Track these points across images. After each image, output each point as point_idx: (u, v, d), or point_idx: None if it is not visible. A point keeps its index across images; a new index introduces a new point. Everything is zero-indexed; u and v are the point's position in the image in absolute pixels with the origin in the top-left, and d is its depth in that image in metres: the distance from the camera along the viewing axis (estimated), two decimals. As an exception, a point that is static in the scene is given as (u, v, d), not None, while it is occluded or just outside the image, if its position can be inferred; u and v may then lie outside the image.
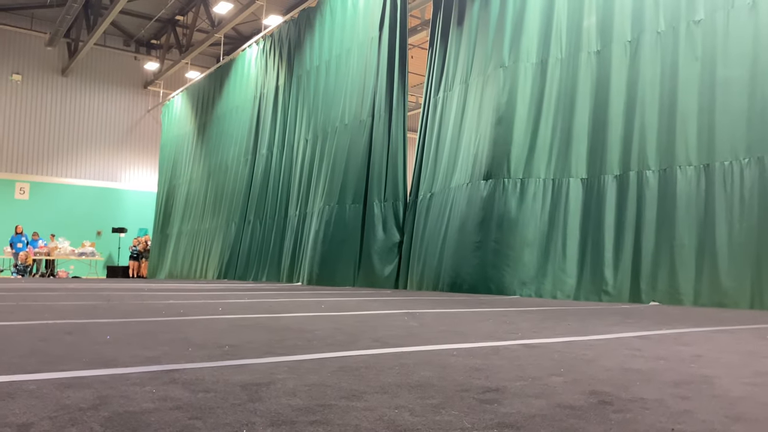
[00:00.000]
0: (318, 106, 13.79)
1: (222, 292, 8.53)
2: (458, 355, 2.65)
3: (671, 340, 3.43)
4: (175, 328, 3.64)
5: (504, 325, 4.23)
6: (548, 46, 8.96)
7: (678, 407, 1.69)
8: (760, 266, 6.59)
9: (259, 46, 16.71)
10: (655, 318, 5.12)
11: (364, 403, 1.66)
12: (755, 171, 6.75)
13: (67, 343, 2.88)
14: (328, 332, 3.53)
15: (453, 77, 10.59)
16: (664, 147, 7.61)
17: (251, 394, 1.76)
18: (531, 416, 1.55)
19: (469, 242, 9.17)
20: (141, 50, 24.51)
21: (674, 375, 2.23)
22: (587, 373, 2.25)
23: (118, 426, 1.39)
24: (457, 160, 10.06)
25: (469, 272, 9.16)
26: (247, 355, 2.55)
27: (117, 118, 24.34)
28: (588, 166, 8.39)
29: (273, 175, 15.25)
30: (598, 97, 8.36)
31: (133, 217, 23.93)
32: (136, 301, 6.34)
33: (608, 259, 7.95)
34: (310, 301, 6.80)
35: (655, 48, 7.83)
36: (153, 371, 2.14)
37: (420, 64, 21.97)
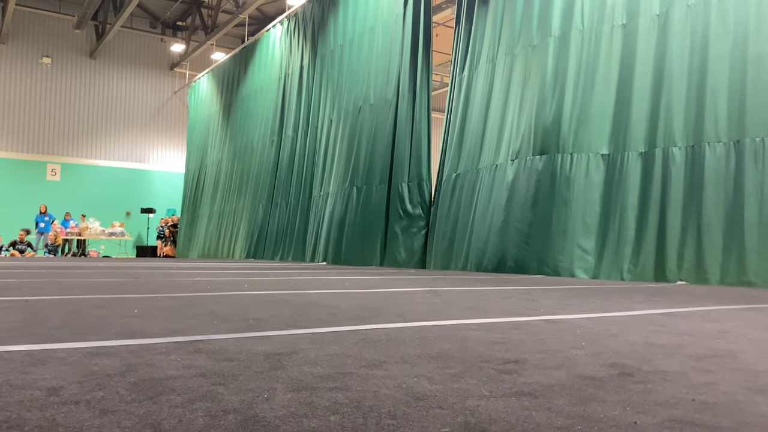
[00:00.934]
0: (342, 85, 13.75)
1: (248, 271, 8.64)
2: (479, 330, 2.66)
3: (697, 316, 3.39)
4: (202, 303, 3.71)
5: (527, 302, 4.22)
6: (571, 19, 8.79)
7: (700, 379, 1.67)
8: None
9: (283, 26, 16.68)
10: (682, 296, 5.06)
11: (384, 372, 1.68)
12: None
13: (96, 316, 2.95)
14: (351, 308, 3.56)
15: (479, 56, 10.47)
16: (692, 123, 7.45)
17: (273, 362, 1.79)
18: (550, 386, 1.56)
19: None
20: (167, 32, 24.66)
21: (698, 349, 2.20)
22: (609, 346, 2.24)
23: (143, 390, 1.43)
24: (484, 140, 9.97)
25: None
26: (271, 328, 2.58)
27: (144, 100, 24.59)
28: (611, 142, 8.25)
29: (298, 156, 15.30)
30: (623, 72, 8.19)
31: (161, 198, 24.27)
32: (164, 278, 6.46)
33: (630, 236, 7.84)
34: (334, 279, 6.85)
35: (685, 21, 7.63)
36: (178, 342, 2.18)
37: (445, 42, 21.74)
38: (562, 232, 8.45)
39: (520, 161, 9.10)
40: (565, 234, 8.39)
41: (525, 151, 9.07)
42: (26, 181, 22.13)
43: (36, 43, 22.63)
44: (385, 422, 1.20)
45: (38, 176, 22.56)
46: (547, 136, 8.81)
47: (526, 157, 9.03)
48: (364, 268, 10.93)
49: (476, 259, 9.63)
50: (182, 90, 24.62)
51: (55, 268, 8.61)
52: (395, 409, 1.29)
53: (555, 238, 8.51)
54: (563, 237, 8.44)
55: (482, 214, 9.65)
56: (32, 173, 22.42)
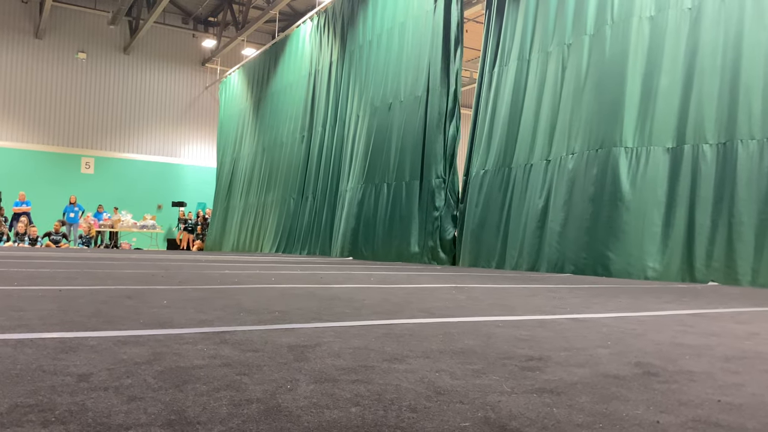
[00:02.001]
0: (370, 81, 13.76)
1: (275, 264, 8.72)
2: (503, 327, 2.65)
3: (727, 318, 3.33)
4: (229, 295, 3.76)
5: (553, 300, 4.19)
6: (604, 15, 8.67)
7: (727, 380, 1.65)
8: None
9: (313, 22, 16.75)
10: (712, 297, 4.97)
11: (406, 366, 1.69)
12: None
13: (126, 306, 3.02)
14: (376, 302, 3.58)
15: (509, 52, 10.38)
16: (724, 120, 7.28)
17: (297, 354, 1.81)
18: (572, 383, 1.55)
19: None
20: (199, 28, 24.95)
21: (726, 350, 2.17)
22: (635, 346, 2.21)
23: (170, 379, 1.46)
24: (518, 137, 9.88)
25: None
26: (296, 320, 2.61)
27: (176, 95, 24.94)
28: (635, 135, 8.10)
29: (326, 151, 15.37)
30: (648, 66, 8.04)
31: (192, 192, 24.61)
32: (193, 270, 6.56)
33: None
34: (360, 274, 6.88)
35: (718, 15, 7.46)
36: (205, 332, 2.22)
37: (473, 38, 21.61)
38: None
39: (554, 161, 9.06)
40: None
41: (559, 150, 9.01)
42: (61, 174, 22.63)
43: (72, 39, 23.10)
44: (405, 415, 1.21)
45: (73, 169, 23.05)
46: (582, 133, 8.71)
47: (560, 156, 8.97)
48: (391, 264, 10.95)
49: (512, 257, 9.57)
50: (213, 85, 24.90)
51: (88, 259, 8.80)
52: (416, 403, 1.30)
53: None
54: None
55: (517, 212, 9.60)
56: (67, 166, 22.91)
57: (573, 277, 8.14)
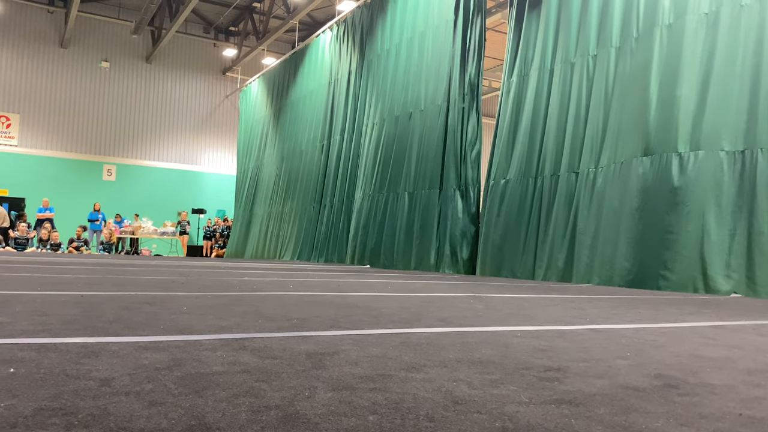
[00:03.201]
0: (387, 90, 13.81)
1: (294, 272, 8.76)
2: (522, 337, 2.64)
3: (749, 330, 3.28)
4: (248, 302, 3.79)
5: (572, 310, 4.16)
6: (629, 27, 8.65)
7: (749, 394, 1.63)
8: None
9: (333, 32, 16.87)
10: (734, 309, 4.90)
11: (424, 375, 1.69)
12: None
13: (147, 312, 3.05)
14: (394, 311, 3.58)
15: (531, 61, 10.38)
16: (743, 127, 7.20)
17: (315, 362, 1.83)
18: (591, 395, 1.54)
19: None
20: (220, 37, 25.25)
21: (749, 363, 2.14)
22: (655, 357, 2.19)
23: (190, 384, 1.48)
24: (543, 147, 9.87)
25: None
26: (314, 328, 2.63)
27: (197, 104, 25.23)
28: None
29: (343, 159, 15.45)
30: (666, 73, 7.99)
31: (212, 199, 24.84)
32: (213, 277, 6.61)
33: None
34: (378, 282, 6.89)
35: (737, 20, 7.39)
36: (224, 339, 2.24)
37: (492, 47, 21.61)
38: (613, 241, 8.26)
39: (582, 173, 9.04)
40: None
41: (587, 162, 9.00)
42: (84, 180, 22.97)
43: (96, 48, 23.50)
44: (422, 424, 1.22)
45: (95, 176, 23.39)
46: (611, 146, 8.69)
47: (588, 168, 8.96)
48: (409, 273, 10.94)
49: (539, 268, 9.53)
50: (234, 94, 25.15)
51: (109, 265, 8.91)
52: (433, 412, 1.30)
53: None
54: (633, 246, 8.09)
55: (543, 223, 9.58)
56: (89, 173, 23.26)
57: (593, 287, 8.07)
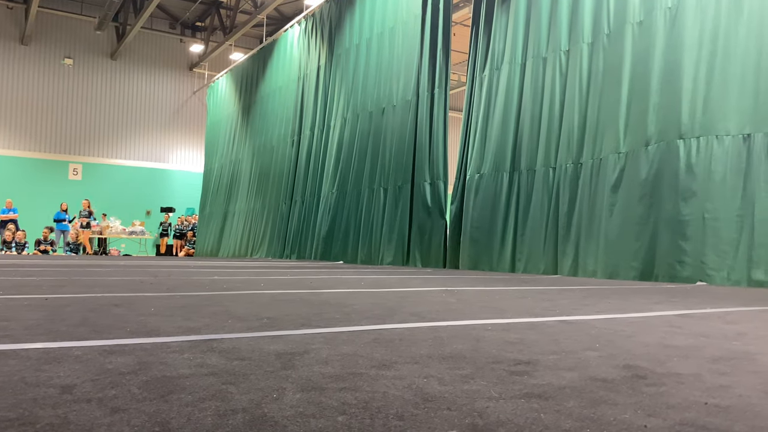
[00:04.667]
0: (359, 85, 13.77)
1: (266, 270, 8.69)
2: (493, 330, 2.64)
3: (716, 318, 3.35)
4: (217, 301, 3.73)
5: (543, 302, 4.20)
6: (600, 23, 8.79)
7: (715, 382, 1.65)
8: None
9: (301, 27, 16.74)
10: (701, 297, 4.99)
11: (395, 372, 1.68)
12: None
13: (113, 314, 2.99)
14: (367, 307, 3.57)
15: (501, 56, 10.43)
16: (699, 117, 7.37)
17: (285, 362, 1.80)
18: (561, 387, 1.55)
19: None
20: (186, 33, 24.88)
21: (714, 351, 2.18)
22: (624, 348, 2.22)
23: (155, 389, 1.44)
24: (517, 141, 9.97)
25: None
26: (285, 327, 2.60)
27: (164, 100, 24.84)
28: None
29: (314, 155, 15.37)
30: (638, 70, 8.14)
31: (180, 197, 24.50)
32: (182, 277, 6.52)
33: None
34: (351, 278, 6.87)
35: (695, 14, 7.54)
36: (192, 340, 2.20)
37: (459, 41, 21.66)
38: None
39: (559, 168, 9.16)
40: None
41: (564, 157, 9.12)
42: (49, 180, 22.48)
43: (58, 45, 22.96)
44: (392, 423, 1.20)
45: (60, 176, 22.90)
46: (587, 142, 8.81)
47: (566, 164, 9.08)
48: (382, 267, 10.94)
49: (518, 260, 9.61)
50: (201, 90, 24.83)
51: (76, 266, 8.73)
52: (403, 410, 1.29)
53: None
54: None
55: (520, 216, 9.68)
56: (55, 173, 22.76)
57: (563, 278, 8.17)
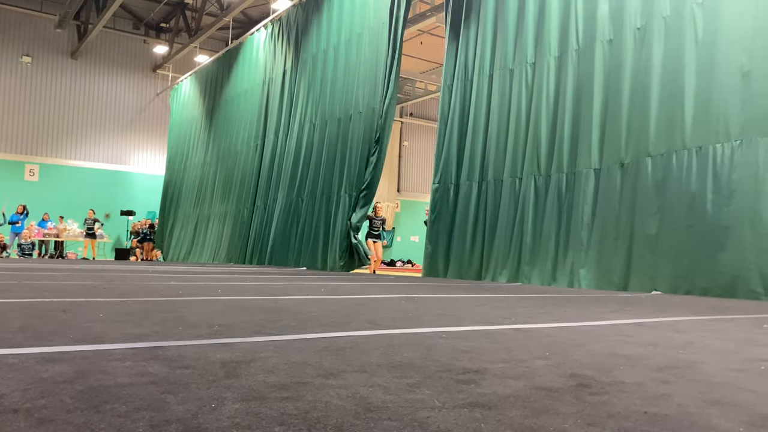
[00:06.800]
0: (326, 90, 13.73)
1: (226, 275, 8.57)
2: (447, 338, 2.64)
3: (666, 326, 3.41)
4: (171, 308, 3.66)
5: (501, 310, 4.22)
6: (567, 38, 9.00)
7: (656, 391, 1.67)
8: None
9: (268, 30, 16.63)
10: (655, 306, 5.09)
11: (341, 381, 1.66)
12: (749, 152, 6.67)
13: (59, 320, 2.90)
14: (324, 314, 3.54)
15: (472, 67, 10.56)
16: (663, 133, 7.55)
17: (229, 371, 1.76)
18: (505, 397, 1.55)
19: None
20: (150, 33, 24.46)
21: (660, 360, 2.21)
22: (572, 357, 2.23)
23: (88, 398, 1.39)
24: (486, 153, 10.10)
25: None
26: (236, 335, 2.55)
27: (126, 102, 24.35)
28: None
29: (278, 160, 15.25)
30: (610, 86, 8.31)
31: (142, 201, 24.01)
32: (138, 281, 6.38)
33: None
34: (312, 285, 6.81)
35: (662, 33, 7.73)
36: (137, 348, 2.14)
37: (429, 50, 21.81)
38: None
39: (525, 180, 9.31)
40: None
41: (530, 169, 9.26)
42: (3, 181, 21.79)
43: (16, 42, 22.34)
44: (330, 434, 1.18)
45: (16, 177, 22.22)
46: (556, 155, 8.98)
47: (532, 175, 9.24)
48: (345, 274, 10.90)
49: (487, 269, 9.69)
50: (165, 92, 24.43)
51: (28, 270, 8.47)
52: (343, 421, 1.27)
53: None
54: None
55: (489, 225, 9.79)
56: (10, 173, 22.08)
57: (524, 286, 8.26)
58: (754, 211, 6.51)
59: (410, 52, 22.33)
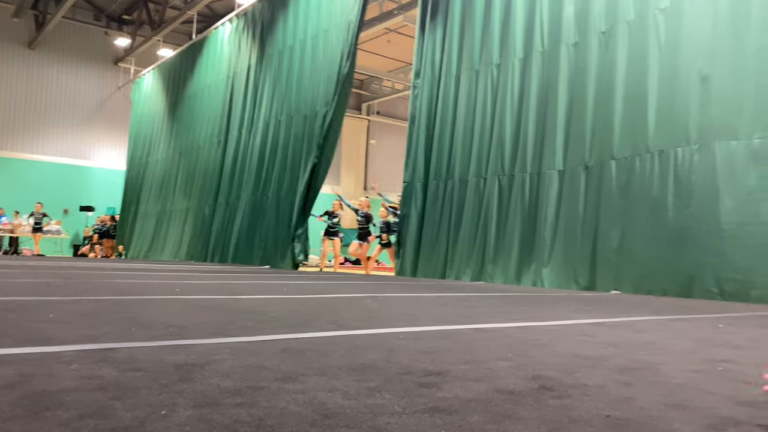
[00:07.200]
0: (292, 87, 13.59)
1: (187, 273, 8.40)
2: (409, 339, 2.61)
3: (626, 326, 3.44)
4: (127, 307, 3.55)
5: (463, 309, 4.21)
6: (532, 41, 9.04)
7: (618, 394, 1.66)
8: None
9: (233, 25, 16.39)
10: (615, 306, 5.15)
11: (299, 386, 1.60)
12: (707, 155, 6.82)
13: (6, 320, 2.77)
14: (286, 314, 3.47)
15: (440, 66, 10.58)
16: (628, 136, 7.66)
17: (183, 374, 1.69)
18: (467, 401, 1.51)
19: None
20: (112, 25, 23.90)
21: (621, 361, 2.21)
22: (535, 358, 2.22)
23: (29, 405, 1.32)
24: (451, 152, 10.15)
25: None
26: (193, 336, 2.47)
27: (86, 95, 23.74)
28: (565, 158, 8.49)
29: (241, 156, 15.04)
30: (575, 88, 8.39)
31: (102, 196, 23.44)
32: (96, 279, 6.20)
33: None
34: (274, 284, 6.72)
35: (626, 38, 7.84)
36: (87, 350, 2.05)
37: (396, 48, 21.81)
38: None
39: (490, 179, 9.37)
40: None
41: (495, 169, 9.31)
42: (-44, 174, 21.06)
43: (-30, 31, 21.58)
44: (285, 442, 1.13)
45: (-31, 170, 21.50)
46: (520, 156, 9.04)
47: (496, 175, 9.29)
48: (308, 273, 10.81)
49: (452, 268, 9.71)
50: (126, 86, 23.90)
51: (-21, 267, 8.17)
52: (298, 429, 1.22)
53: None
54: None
55: (454, 225, 9.86)
56: (-38, 167, 21.35)
57: (487, 285, 8.30)
58: (711, 214, 6.65)
59: (378, 50, 22.32)
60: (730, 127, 6.63)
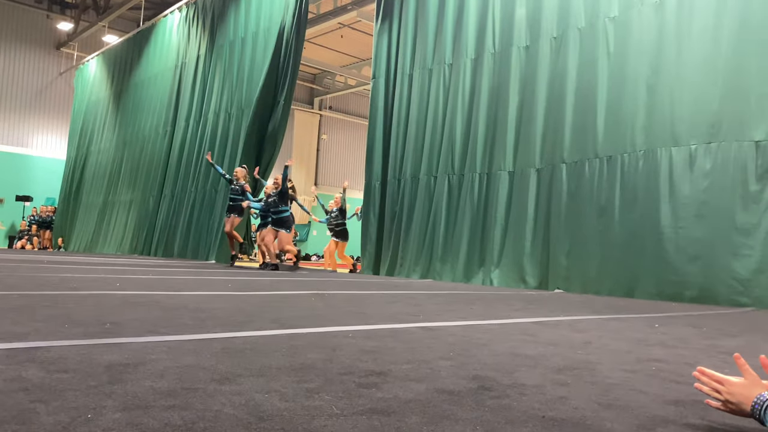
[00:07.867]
0: (243, 79, 13.36)
1: (128, 267, 8.17)
2: (354, 337, 2.59)
3: (566, 325, 3.51)
4: (60, 303, 3.41)
5: (411, 307, 4.23)
6: (483, 42, 9.10)
7: (555, 393, 1.69)
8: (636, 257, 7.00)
9: (182, 13, 16.00)
10: (557, 304, 5.26)
11: (235, 387, 1.57)
12: (650, 161, 7.04)
13: (-73, 316, 2.63)
14: (228, 312, 3.40)
15: (394, 65, 10.59)
16: (578, 140, 7.83)
17: (114, 375, 1.63)
18: (406, 401, 1.51)
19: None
20: (54, 8, 22.97)
21: (560, 361, 2.25)
22: (476, 357, 2.24)
23: (-57, 410, 1.24)
24: (404, 151, 10.19)
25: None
26: (128, 334, 2.39)
27: (25, 80, 22.76)
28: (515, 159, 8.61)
29: (188, 148, 14.71)
30: (526, 91, 8.53)
31: (41, 186, 22.54)
32: (30, 273, 5.95)
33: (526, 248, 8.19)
34: (219, 279, 6.60)
35: (577, 44, 8.01)
36: (13, 348, 1.96)
37: (350, 44, 21.71)
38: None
39: (440, 178, 9.46)
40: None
41: (444, 167, 9.40)
42: None
43: None
44: (216, 447, 1.10)
45: None
46: (466, 155, 9.11)
47: (449, 174, 9.36)
48: (255, 269, 10.67)
49: (403, 266, 9.71)
50: (69, 72, 23.04)
51: None
52: (231, 432, 1.19)
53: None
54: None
55: (407, 223, 9.85)
56: None
57: (435, 283, 8.36)
58: (653, 219, 6.87)
59: (331, 45, 22.15)
60: (672, 135, 6.87)
